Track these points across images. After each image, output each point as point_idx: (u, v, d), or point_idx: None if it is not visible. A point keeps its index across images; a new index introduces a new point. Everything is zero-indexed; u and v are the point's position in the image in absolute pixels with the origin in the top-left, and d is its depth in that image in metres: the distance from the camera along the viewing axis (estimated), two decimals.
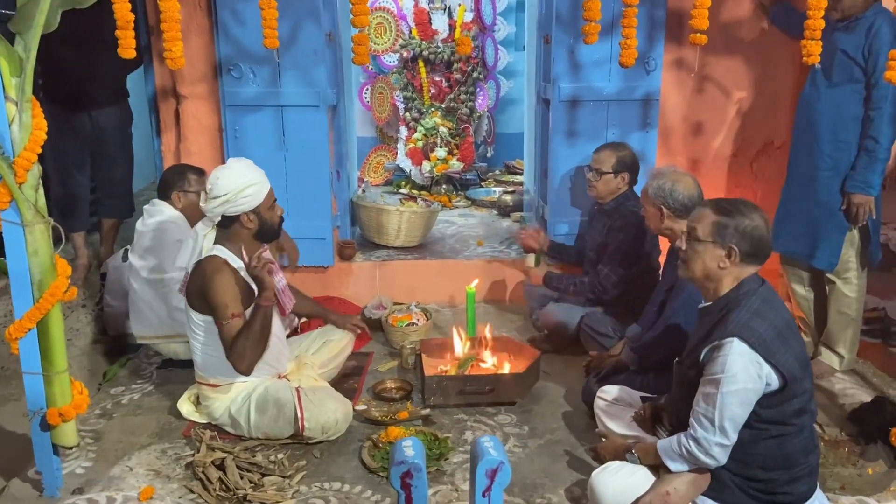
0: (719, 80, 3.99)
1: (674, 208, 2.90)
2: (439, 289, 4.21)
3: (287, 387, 2.86)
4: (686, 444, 2.19)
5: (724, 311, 2.19)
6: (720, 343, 2.11)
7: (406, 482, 1.73)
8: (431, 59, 5.93)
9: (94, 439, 2.89)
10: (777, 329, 2.15)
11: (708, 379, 2.14)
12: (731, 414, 2.11)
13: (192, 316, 2.82)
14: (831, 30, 3.08)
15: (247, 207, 2.76)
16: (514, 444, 2.83)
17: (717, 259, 2.19)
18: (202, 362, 2.86)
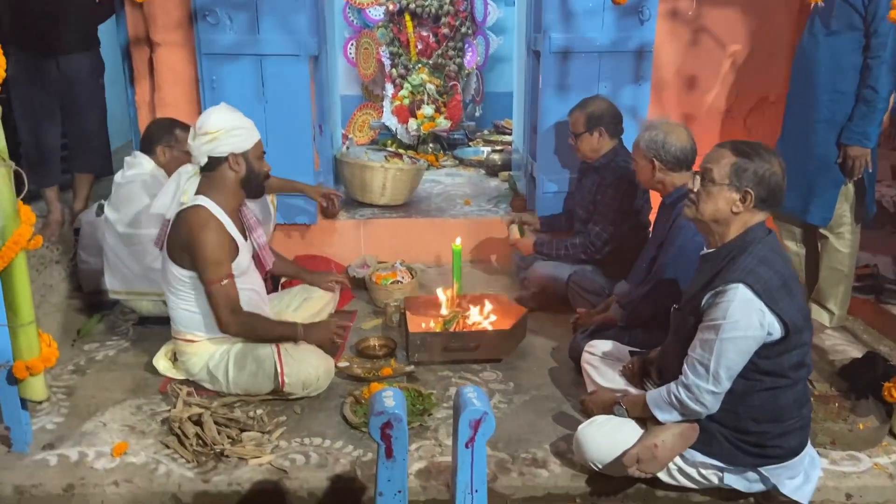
0: (714, 32, 3.88)
1: (666, 160, 2.81)
2: (425, 248, 4.12)
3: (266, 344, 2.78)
4: (676, 391, 2.13)
5: (729, 257, 2.11)
6: (724, 289, 2.04)
7: (386, 433, 1.65)
8: (418, 12, 5.76)
9: (66, 395, 2.80)
10: (782, 278, 2.07)
11: (707, 325, 2.07)
12: (728, 361, 2.05)
13: (171, 270, 2.70)
14: None
15: (236, 148, 2.64)
16: (500, 399, 2.77)
17: (731, 202, 2.10)
18: (180, 318, 2.76)
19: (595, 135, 3.38)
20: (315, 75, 3.91)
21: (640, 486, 2.32)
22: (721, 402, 2.11)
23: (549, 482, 2.32)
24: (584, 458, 2.29)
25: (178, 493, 2.28)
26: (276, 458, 2.40)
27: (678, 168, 2.82)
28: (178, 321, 2.77)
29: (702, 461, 2.20)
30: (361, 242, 4.09)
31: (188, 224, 2.61)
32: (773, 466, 2.19)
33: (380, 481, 1.69)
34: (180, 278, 2.69)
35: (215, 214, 2.65)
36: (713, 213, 2.14)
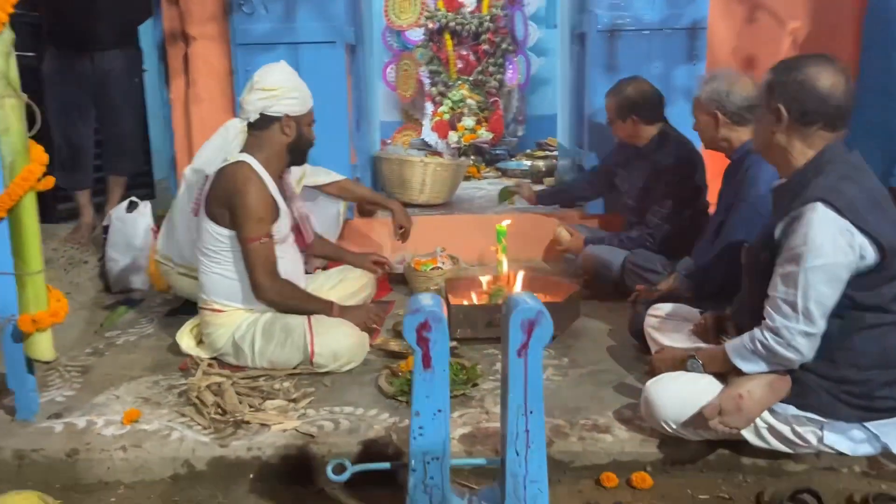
0: (772, 8, 3.65)
1: (731, 113, 2.55)
2: (467, 245, 3.85)
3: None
4: (761, 337, 1.81)
5: (804, 182, 1.81)
6: (800, 211, 1.74)
7: (423, 336, 1.39)
8: (458, 30, 5.69)
9: (80, 373, 2.59)
10: (870, 194, 1.78)
11: (787, 256, 1.77)
12: (818, 295, 1.73)
13: (207, 228, 2.51)
14: None
15: (290, 110, 2.51)
16: (553, 373, 2.47)
17: (769, 124, 1.85)
18: (211, 284, 2.55)
19: (629, 123, 3.16)
20: (352, 66, 3.79)
21: (723, 453, 1.98)
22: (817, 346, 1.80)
23: (615, 447, 2.00)
24: (655, 418, 1.97)
25: (191, 458, 2.02)
26: (303, 424, 2.13)
27: (745, 122, 2.56)
28: (209, 288, 2.56)
29: (796, 415, 1.86)
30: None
31: (231, 177, 2.45)
32: (883, 422, 1.85)
33: (416, 398, 1.42)
34: (216, 237, 2.50)
35: (259, 173, 2.48)
36: (759, 142, 1.92)
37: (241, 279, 2.52)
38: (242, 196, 2.42)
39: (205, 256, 2.55)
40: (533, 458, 1.42)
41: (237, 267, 2.52)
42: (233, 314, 2.54)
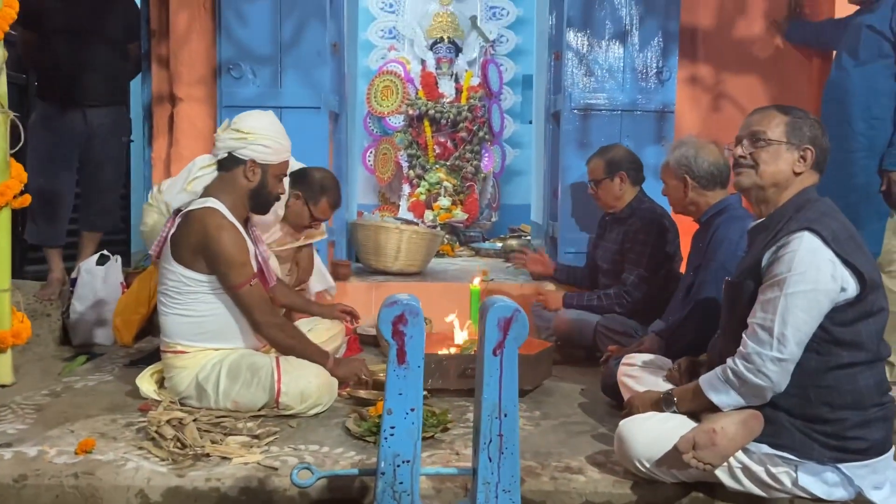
0: (735, 98, 3.87)
1: (699, 177, 2.66)
2: (441, 313, 3.84)
3: (264, 354, 2.50)
4: (733, 365, 1.81)
5: (786, 217, 1.87)
6: (787, 240, 1.79)
7: (399, 329, 1.38)
8: (437, 118, 5.88)
9: (34, 410, 2.48)
10: (849, 231, 1.84)
11: (770, 283, 1.80)
12: (795, 320, 1.75)
13: (175, 271, 2.46)
14: (855, 14, 3.03)
15: (257, 156, 2.49)
16: (525, 423, 2.42)
17: (792, 162, 1.90)
18: (173, 325, 2.50)
19: (616, 180, 3.24)
20: (334, 133, 3.89)
21: (697, 496, 1.94)
22: (790, 378, 1.80)
23: (587, 488, 1.95)
24: (628, 457, 1.93)
25: (146, 488, 1.92)
26: (266, 458, 2.05)
27: (712, 186, 2.67)
28: (171, 330, 2.51)
29: (770, 454, 1.84)
30: (373, 307, 3.85)
31: (202, 224, 2.41)
32: (856, 464, 1.83)
33: (388, 395, 1.38)
34: (186, 281, 2.45)
35: (228, 217, 2.47)
36: (774, 176, 1.92)
37: (205, 318, 2.48)
38: (219, 244, 2.39)
39: (168, 298, 2.50)
40: (506, 466, 1.39)
41: (202, 307, 2.47)
42: (196, 355, 2.48)
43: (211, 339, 2.49)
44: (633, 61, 3.69)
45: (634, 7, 3.68)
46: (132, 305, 3.50)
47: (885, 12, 2.92)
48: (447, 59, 6.09)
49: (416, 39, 6.18)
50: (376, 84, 6.06)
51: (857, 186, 2.95)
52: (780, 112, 1.95)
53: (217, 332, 2.49)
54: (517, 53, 6.48)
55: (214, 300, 2.48)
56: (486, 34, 6.20)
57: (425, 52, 6.13)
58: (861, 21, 2.98)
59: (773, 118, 1.94)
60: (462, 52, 6.17)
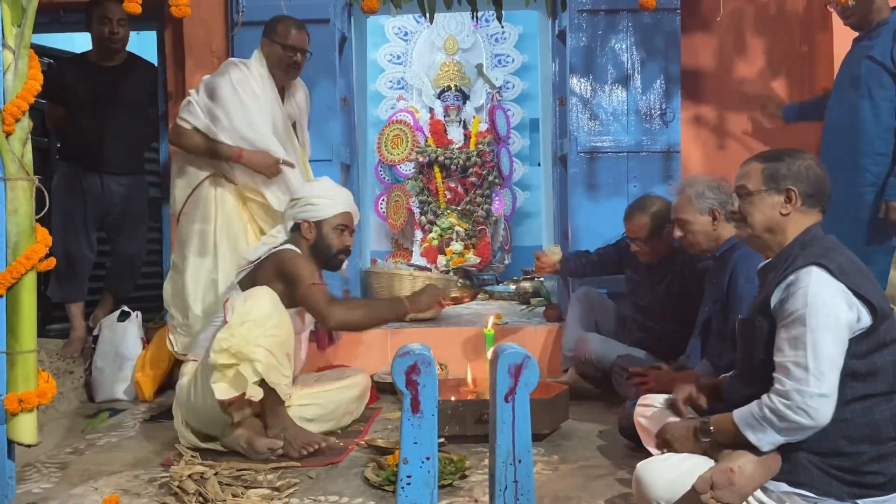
0: (739, 137, 3.93)
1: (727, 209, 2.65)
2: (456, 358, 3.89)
3: None
4: (770, 403, 1.76)
5: (792, 256, 1.89)
6: (796, 276, 1.80)
7: (412, 379, 1.42)
8: (447, 164, 5.98)
9: (58, 468, 2.52)
10: (857, 265, 1.86)
11: (790, 320, 1.78)
12: (829, 354, 1.72)
13: None
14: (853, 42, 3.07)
15: (310, 216, 2.78)
16: (543, 468, 2.43)
17: (777, 206, 1.93)
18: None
19: (665, 233, 3.02)
20: (346, 183, 3.97)
21: None
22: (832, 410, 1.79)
23: None
24: (646, 498, 1.93)
25: None
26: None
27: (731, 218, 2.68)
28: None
29: (788, 492, 1.84)
30: (389, 352, 3.88)
31: (279, 256, 2.71)
32: (874, 500, 1.82)
33: (404, 444, 1.42)
34: None
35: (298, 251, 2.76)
36: (763, 223, 1.96)
37: None
38: (293, 262, 2.66)
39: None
40: None
41: None
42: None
43: None
44: (637, 104, 3.76)
45: (635, 52, 3.76)
46: (153, 361, 3.58)
47: (885, 43, 2.91)
48: (455, 107, 6.23)
49: (424, 88, 6.33)
50: (386, 133, 6.19)
51: (863, 222, 2.96)
52: (758, 161, 1.99)
53: None
54: (523, 98, 6.60)
55: None
56: (492, 81, 6.33)
57: (433, 100, 6.28)
58: (861, 50, 3.00)
59: (752, 170, 1.98)
60: (469, 100, 6.32)
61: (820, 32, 3.85)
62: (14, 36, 2.12)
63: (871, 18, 2.99)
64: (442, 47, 6.32)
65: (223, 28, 3.93)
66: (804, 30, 3.91)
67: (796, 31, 3.88)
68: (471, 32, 6.37)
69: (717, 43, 3.96)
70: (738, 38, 3.91)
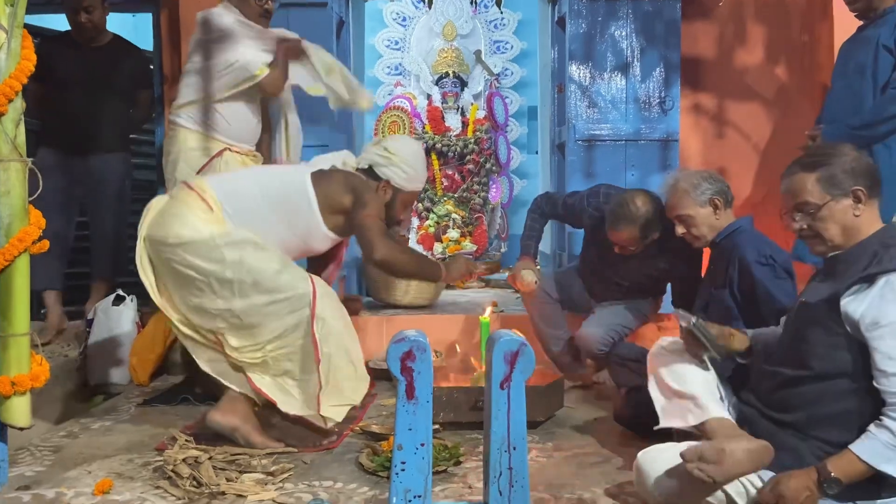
0: (738, 124, 3.92)
1: (729, 196, 2.64)
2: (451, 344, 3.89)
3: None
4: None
5: (872, 252, 1.81)
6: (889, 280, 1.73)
7: (407, 365, 1.41)
8: (444, 151, 5.96)
9: (52, 451, 2.51)
10: None
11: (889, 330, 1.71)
12: None
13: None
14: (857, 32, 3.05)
15: (394, 178, 2.63)
16: (537, 455, 2.43)
17: (849, 210, 1.85)
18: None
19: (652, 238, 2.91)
20: None
21: None
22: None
23: None
24: (645, 487, 1.93)
25: None
26: (280, 495, 2.07)
27: (730, 205, 2.67)
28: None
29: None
30: (384, 339, 3.87)
31: (362, 179, 2.60)
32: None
33: (398, 430, 1.41)
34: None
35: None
36: (842, 232, 1.86)
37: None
38: (371, 191, 2.56)
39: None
40: (516, 498, 1.40)
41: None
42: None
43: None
44: (636, 92, 3.74)
45: (635, 39, 3.75)
46: (148, 345, 3.57)
47: (888, 29, 2.87)
48: (453, 94, 6.19)
49: (422, 75, 6.29)
50: (384, 120, 6.15)
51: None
52: (805, 170, 1.88)
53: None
54: (522, 86, 6.56)
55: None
56: (490, 68, 6.29)
57: (431, 87, 6.24)
58: (868, 38, 2.94)
59: (804, 182, 1.86)
60: (467, 86, 6.27)
61: (820, 21, 3.83)
62: (7, 15, 2.09)
63: (877, 6, 2.96)
64: (440, 33, 6.28)
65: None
66: (804, 18, 3.89)
67: (796, 19, 3.86)
68: (469, 18, 6.32)
69: (717, 31, 3.94)
70: (739, 26, 3.89)
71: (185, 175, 3.08)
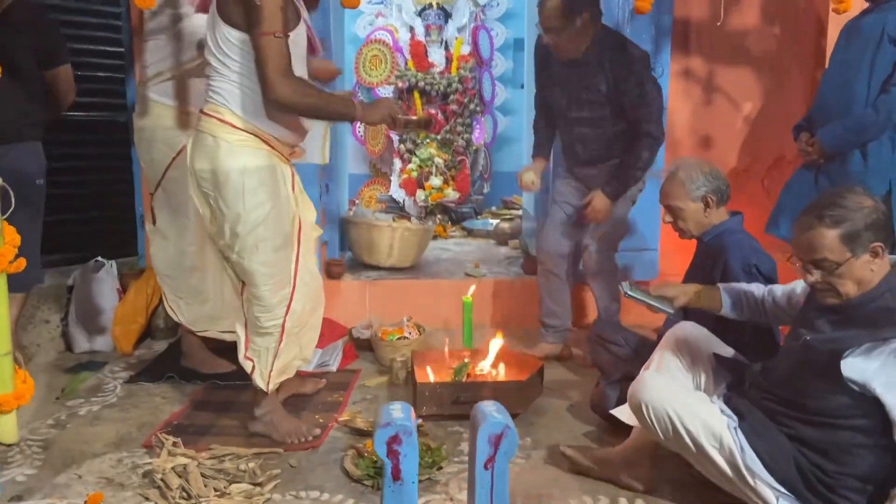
0: (728, 92, 3.85)
1: (724, 193, 2.60)
2: (433, 310, 3.92)
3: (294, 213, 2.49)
4: None
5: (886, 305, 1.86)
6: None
7: (393, 449, 1.43)
8: (427, 90, 5.82)
9: (41, 447, 2.55)
10: None
11: None
12: None
13: (220, 29, 2.26)
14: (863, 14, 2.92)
15: None
16: (517, 454, 2.51)
17: (866, 265, 1.87)
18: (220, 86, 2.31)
19: (580, 24, 2.93)
20: None
21: None
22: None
23: None
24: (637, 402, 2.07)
25: None
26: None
27: (724, 203, 2.63)
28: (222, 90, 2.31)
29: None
30: (367, 304, 3.91)
31: None
32: None
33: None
34: (232, 42, 2.26)
35: None
36: (856, 287, 1.88)
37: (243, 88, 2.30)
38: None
39: (217, 62, 2.31)
40: None
41: (241, 77, 2.29)
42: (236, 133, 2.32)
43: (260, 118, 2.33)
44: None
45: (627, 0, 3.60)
46: (130, 314, 3.58)
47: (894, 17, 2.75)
48: (436, 26, 5.99)
49: (405, 5, 6.04)
50: (364, 53, 5.96)
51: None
52: (825, 225, 1.86)
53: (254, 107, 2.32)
54: (508, 17, 6.34)
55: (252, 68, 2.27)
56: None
57: (413, 18, 6.01)
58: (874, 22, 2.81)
59: (823, 237, 1.86)
60: (451, 18, 6.05)
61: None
62: None
63: None
64: None
65: None
66: None
67: None
68: None
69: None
70: None
71: (164, 157, 2.99)
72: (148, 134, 3.03)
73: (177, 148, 2.97)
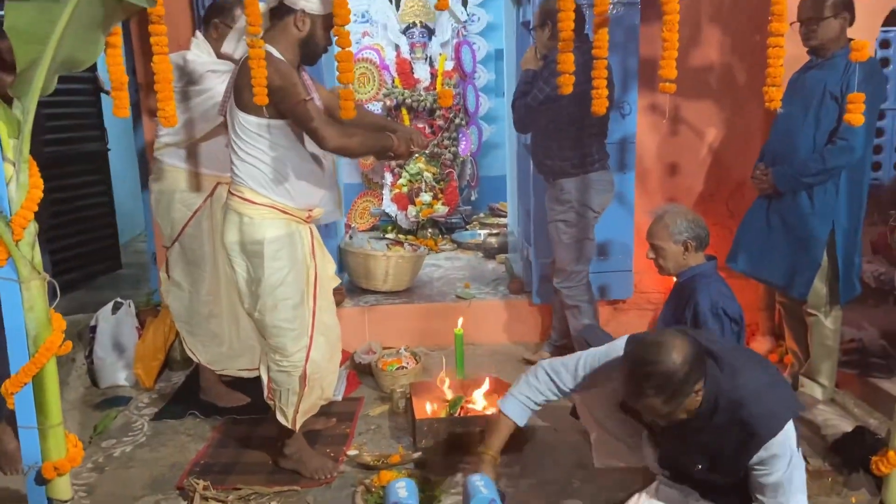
0: (692, 123, 4.14)
1: (702, 239, 2.87)
2: (428, 332, 4.27)
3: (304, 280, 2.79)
4: None
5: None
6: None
7: None
8: (414, 106, 6.09)
9: (86, 493, 2.90)
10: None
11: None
12: None
13: (238, 118, 2.58)
14: (806, 69, 3.21)
15: (307, 6, 2.52)
16: (506, 484, 2.86)
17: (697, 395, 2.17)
18: (241, 168, 2.64)
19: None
20: None
21: None
22: None
23: None
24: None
25: None
26: None
27: (703, 248, 2.89)
28: (240, 171, 2.64)
29: None
30: (366, 329, 4.24)
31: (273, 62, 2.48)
32: None
33: None
34: (247, 127, 2.57)
35: (279, 57, 2.54)
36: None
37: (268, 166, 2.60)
38: (271, 73, 2.42)
39: (236, 145, 2.63)
40: None
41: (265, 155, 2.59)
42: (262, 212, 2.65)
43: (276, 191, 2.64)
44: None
45: None
46: (150, 353, 3.91)
47: (837, 75, 3.03)
48: (421, 44, 6.23)
49: (389, 24, 6.28)
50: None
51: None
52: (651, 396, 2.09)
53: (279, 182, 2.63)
54: (489, 30, 6.60)
55: (277, 147, 2.60)
56: (457, 15, 6.29)
57: (399, 36, 6.25)
58: (815, 78, 3.12)
59: (654, 406, 2.11)
60: (435, 35, 6.29)
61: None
62: (12, 148, 2.26)
63: (829, 48, 3.10)
64: None
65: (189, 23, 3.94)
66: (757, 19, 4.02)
67: (749, 20, 3.99)
68: None
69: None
70: (694, 28, 4.01)
71: (182, 216, 3.30)
72: (167, 197, 3.33)
73: (193, 208, 3.29)
